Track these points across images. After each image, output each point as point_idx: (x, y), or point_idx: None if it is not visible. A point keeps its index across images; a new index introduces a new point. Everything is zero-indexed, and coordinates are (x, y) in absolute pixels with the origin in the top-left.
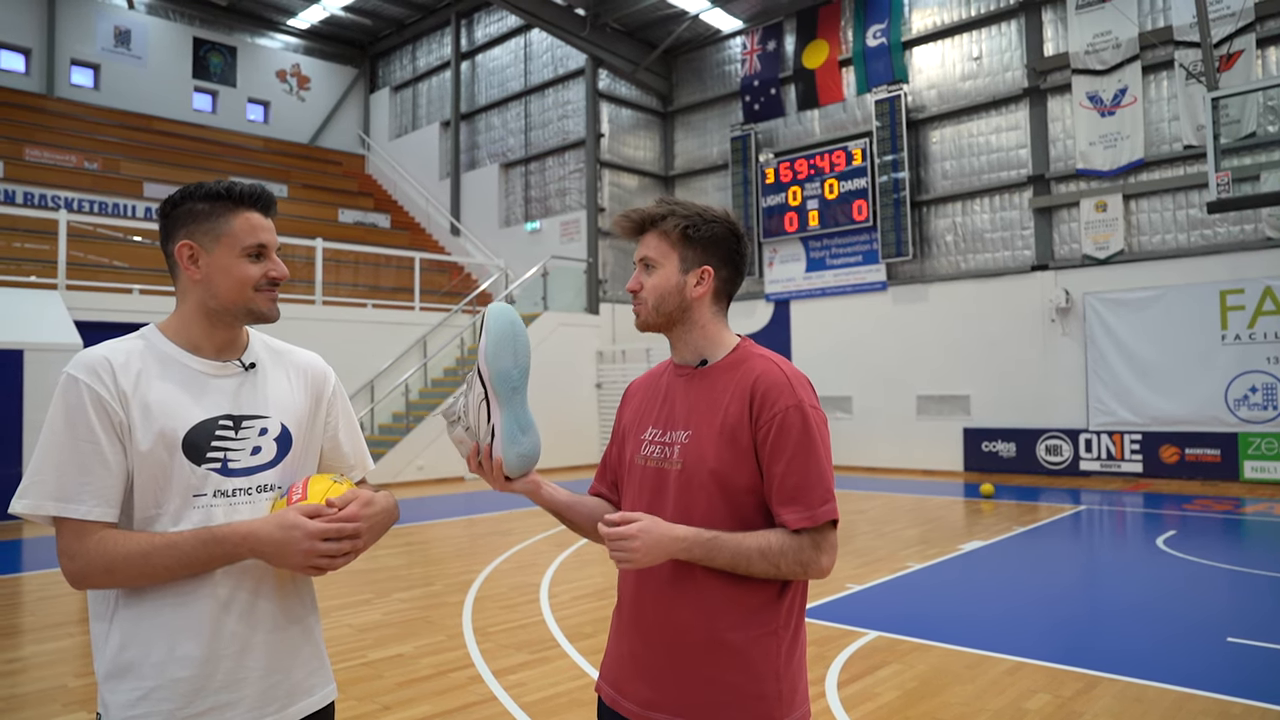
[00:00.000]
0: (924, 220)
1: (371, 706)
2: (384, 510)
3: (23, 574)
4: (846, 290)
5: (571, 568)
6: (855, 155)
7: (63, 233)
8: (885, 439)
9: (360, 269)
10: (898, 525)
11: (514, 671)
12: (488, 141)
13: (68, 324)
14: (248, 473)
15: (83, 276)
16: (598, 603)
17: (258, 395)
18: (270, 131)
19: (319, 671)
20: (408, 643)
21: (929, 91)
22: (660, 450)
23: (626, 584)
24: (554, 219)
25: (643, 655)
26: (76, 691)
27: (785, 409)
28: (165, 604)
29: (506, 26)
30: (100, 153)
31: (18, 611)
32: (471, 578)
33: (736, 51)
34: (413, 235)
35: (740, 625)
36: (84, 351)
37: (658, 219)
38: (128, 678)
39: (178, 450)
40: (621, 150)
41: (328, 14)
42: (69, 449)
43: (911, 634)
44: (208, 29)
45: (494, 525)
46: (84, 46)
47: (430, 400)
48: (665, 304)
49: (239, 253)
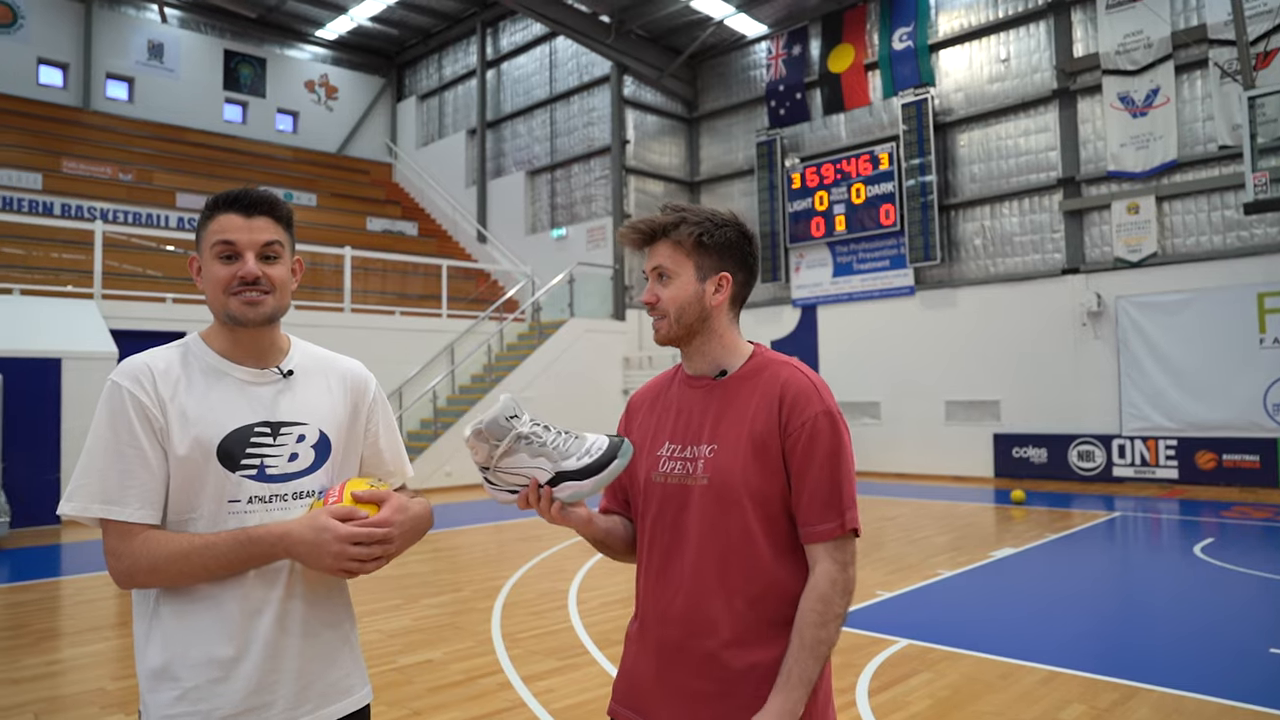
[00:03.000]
0: (952, 224)
1: (403, 711)
2: (417, 516)
3: (61, 578)
4: (874, 295)
5: (600, 574)
6: (882, 159)
7: (99, 243)
8: (914, 445)
9: (388, 277)
10: (927, 532)
11: (543, 678)
12: (514, 149)
13: (104, 333)
14: (284, 479)
15: (118, 286)
16: (627, 609)
17: (296, 402)
18: (299, 141)
19: (354, 674)
20: (437, 648)
21: (956, 94)
22: (681, 466)
23: (648, 599)
24: (580, 226)
25: (674, 677)
26: (114, 694)
27: (815, 416)
28: (201, 607)
29: (531, 35)
30: (134, 164)
31: (56, 615)
32: (500, 584)
33: (761, 56)
34: (440, 243)
35: (773, 643)
36: (128, 359)
37: (669, 227)
38: (166, 678)
39: (212, 456)
40: (647, 156)
41: (355, 25)
42: (113, 453)
43: (943, 642)
44: (238, 41)
45: (522, 531)
46: (119, 60)
47: (458, 407)
48: (686, 315)
49: (211, 255)
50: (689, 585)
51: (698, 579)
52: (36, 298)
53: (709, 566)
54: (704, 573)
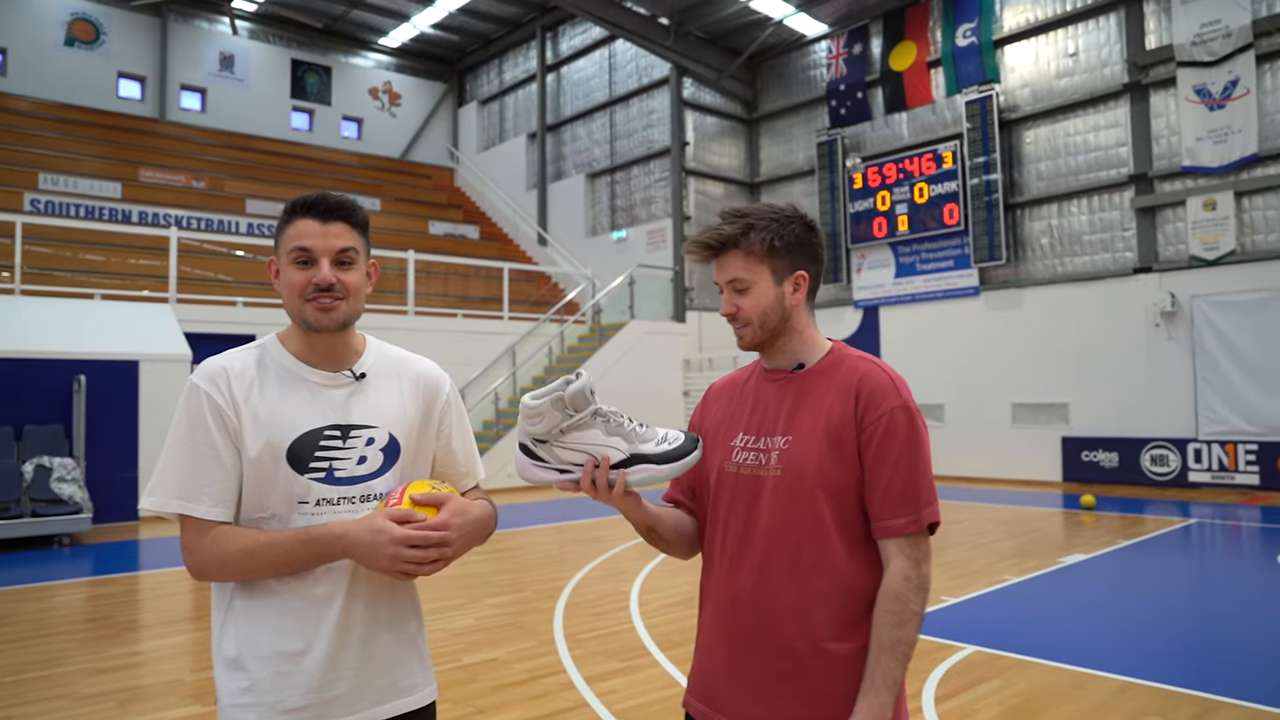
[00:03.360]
0: (1018, 223)
1: (467, 710)
2: (477, 520)
3: (140, 573)
4: (937, 296)
5: (661, 576)
6: (945, 158)
7: (173, 249)
8: (979, 448)
9: (450, 279)
10: (993, 537)
11: (605, 679)
12: (573, 152)
13: (178, 335)
14: (353, 481)
15: (191, 290)
16: (688, 611)
17: (367, 405)
18: (363, 147)
19: (419, 672)
20: (500, 647)
21: (1022, 90)
22: (755, 457)
23: (720, 590)
24: (640, 228)
25: (742, 669)
26: (192, 685)
27: (892, 410)
28: (270, 601)
29: (591, 38)
30: (206, 172)
31: (136, 608)
32: (561, 584)
33: (822, 56)
34: (501, 246)
35: (844, 636)
36: (207, 360)
37: (738, 237)
38: (237, 668)
39: (282, 459)
40: (706, 158)
41: (417, 32)
42: (190, 452)
43: (1011, 649)
44: (305, 51)
45: (583, 532)
46: (192, 72)
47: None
48: (769, 320)
49: (287, 260)
50: (761, 575)
51: (770, 569)
52: (115, 302)
53: (781, 557)
54: (776, 563)
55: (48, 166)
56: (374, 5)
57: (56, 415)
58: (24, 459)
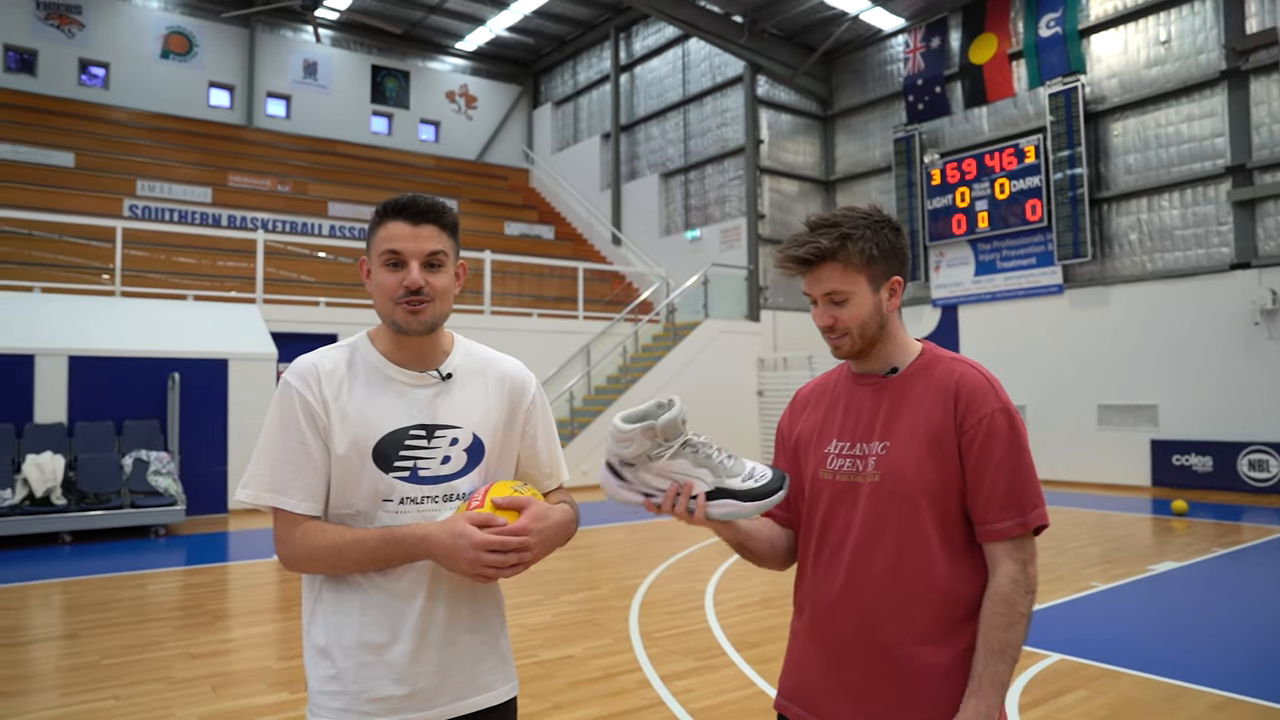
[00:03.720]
0: (1104, 219)
1: (544, 705)
2: (558, 524)
3: (229, 563)
4: (1019, 294)
5: (736, 576)
6: (1028, 152)
7: (260, 251)
8: (1063, 450)
9: (525, 279)
10: (1079, 542)
11: (681, 678)
12: (647, 152)
13: (265, 335)
14: (436, 481)
15: (276, 290)
16: (763, 612)
17: (452, 405)
18: (440, 150)
19: (500, 669)
20: (576, 644)
21: (1109, 81)
22: (851, 464)
23: (817, 597)
24: (714, 227)
25: (840, 676)
26: (279, 673)
27: (992, 413)
28: (355, 595)
29: (664, 38)
30: (291, 176)
31: (226, 597)
32: (636, 583)
33: (899, 50)
34: (575, 246)
35: (944, 642)
36: (300, 358)
37: (835, 250)
38: (324, 657)
39: (368, 457)
40: (781, 156)
41: (493, 35)
42: (281, 447)
43: (1098, 659)
44: (384, 56)
45: (657, 531)
46: (278, 80)
47: (594, 407)
48: (868, 329)
49: (379, 263)
50: (860, 582)
51: (869, 576)
52: (206, 303)
53: (880, 563)
54: (875, 570)
55: (145, 174)
56: (451, 10)
57: (153, 411)
58: (124, 453)
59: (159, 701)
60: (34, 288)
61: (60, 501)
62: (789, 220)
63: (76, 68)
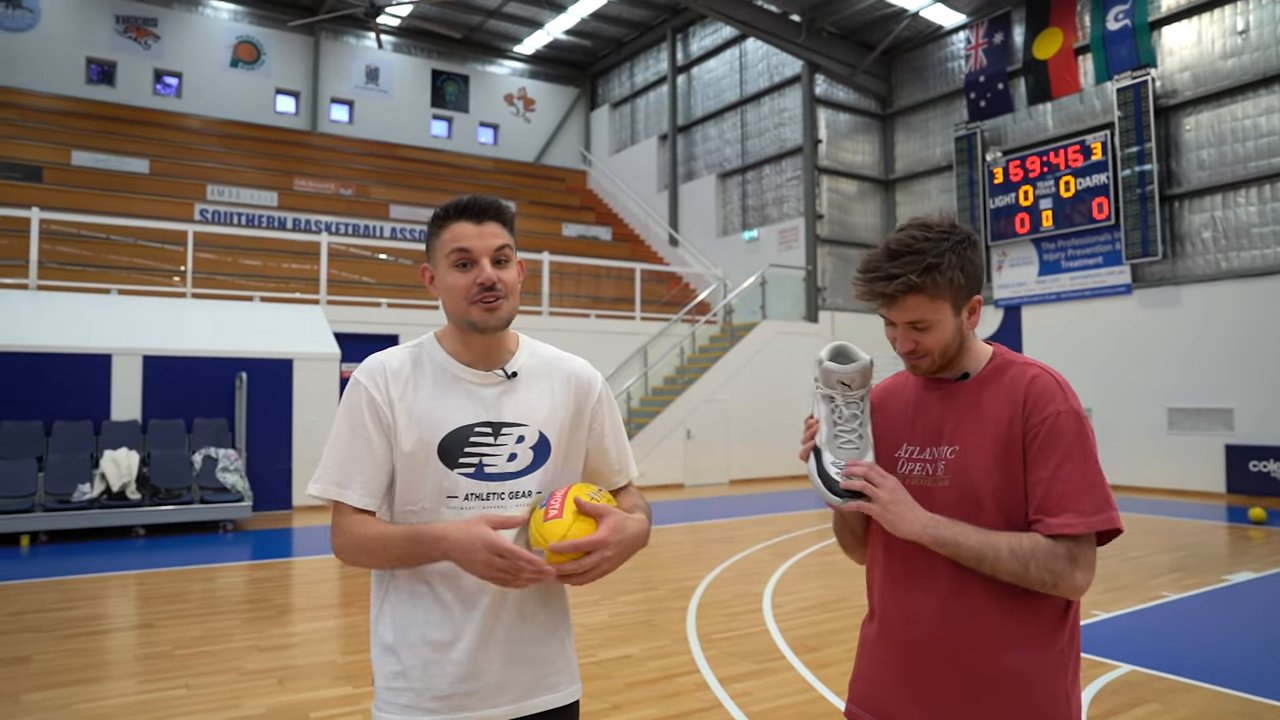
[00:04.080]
0: (1175, 216)
1: (602, 705)
2: (634, 536)
3: (294, 559)
4: (1085, 294)
5: (794, 579)
6: (1094, 149)
7: (324, 253)
8: (1131, 455)
9: (583, 280)
10: (1147, 550)
11: (739, 680)
12: (704, 152)
13: (328, 335)
14: (502, 478)
15: (339, 292)
16: (822, 615)
17: (518, 403)
18: (499, 152)
19: (564, 670)
20: (634, 645)
21: (1181, 74)
22: (921, 468)
23: (889, 599)
24: (771, 227)
25: (917, 683)
26: (343, 667)
27: (1057, 414)
28: (422, 592)
29: (721, 38)
30: (354, 180)
31: (290, 592)
32: (694, 584)
33: (960, 47)
34: (632, 247)
35: (1024, 646)
36: (370, 357)
37: (923, 284)
38: (391, 653)
39: (433, 454)
40: (840, 155)
41: (551, 38)
42: (347, 443)
43: (1171, 671)
44: (444, 61)
45: (715, 532)
46: (341, 85)
47: (651, 408)
48: (949, 351)
49: (447, 264)
50: (934, 586)
51: (942, 580)
52: (272, 304)
53: (953, 568)
54: (948, 574)
55: (214, 179)
56: (509, 14)
57: (221, 409)
58: (194, 450)
59: (228, 692)
60: (111, 290)
61: (134, 496)
62: (848, 220)
63: (152, 78)
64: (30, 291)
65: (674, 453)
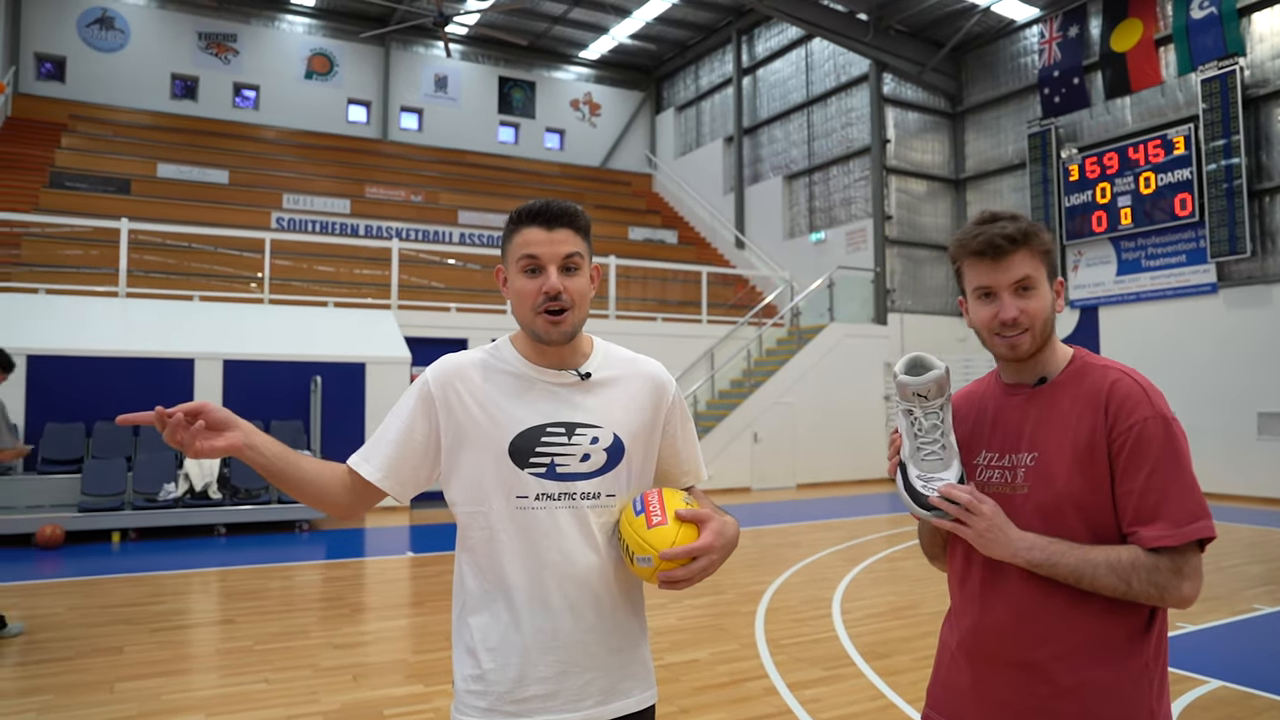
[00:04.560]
0: (1265, 212)
1: (670, 709)
2: (732, 540)
3: (366, 558)
4: (1166, 294)
5: (864, 585)
6: (1176, 143)
7: (395, 259)
8: (1217, 461)
9: (649, 284)
10: (1237, 560)
11: (809, 686)
12: (770, 154)
13: (399, 340)
14: (574, 478)
15: (409, 297)
16: (893, 622)
17: (592, 405)
18: (565, 157)
19: (641, 675)
20: (702, 649)
21: (1272, 62)
22: (1000, 475)
23: (966, 604)
24: (839, 229)
25: (991, 693)
26: (415, 666)
27: (1144, 419)
28: (499, 595)
29: (787, 39)
30: (423, 186)
31: (363, 591)
32: (761, 588)
33: (1033, 42)
34: (698, 250)
35: (1109, 659)
36: (444, 357)
37: (1031, 235)
38: (470, 656)
39: (504, 453)
40: (908, 155)
41: (616, 43)
42: (387, 425)
43: (1265, 688)
44: (510, 68)
45: (781, 537)
46: (410, 94)
47: (718, 411)
48: (1046, 327)
49: (517, 269)
50: (1012, 595)
51: (1021, 589)
52: (345, 309)
53: (1033, 579)
54: (1027, 583)
55: (290, 188)
56: (575, 20)
57: (297, 412)
58: None
59: (305, 688)
60: (193, 296)
61: (216, 496)
62: (917, 220)
63: (231, 91)
64: (119, 299)
65: (741, 456)
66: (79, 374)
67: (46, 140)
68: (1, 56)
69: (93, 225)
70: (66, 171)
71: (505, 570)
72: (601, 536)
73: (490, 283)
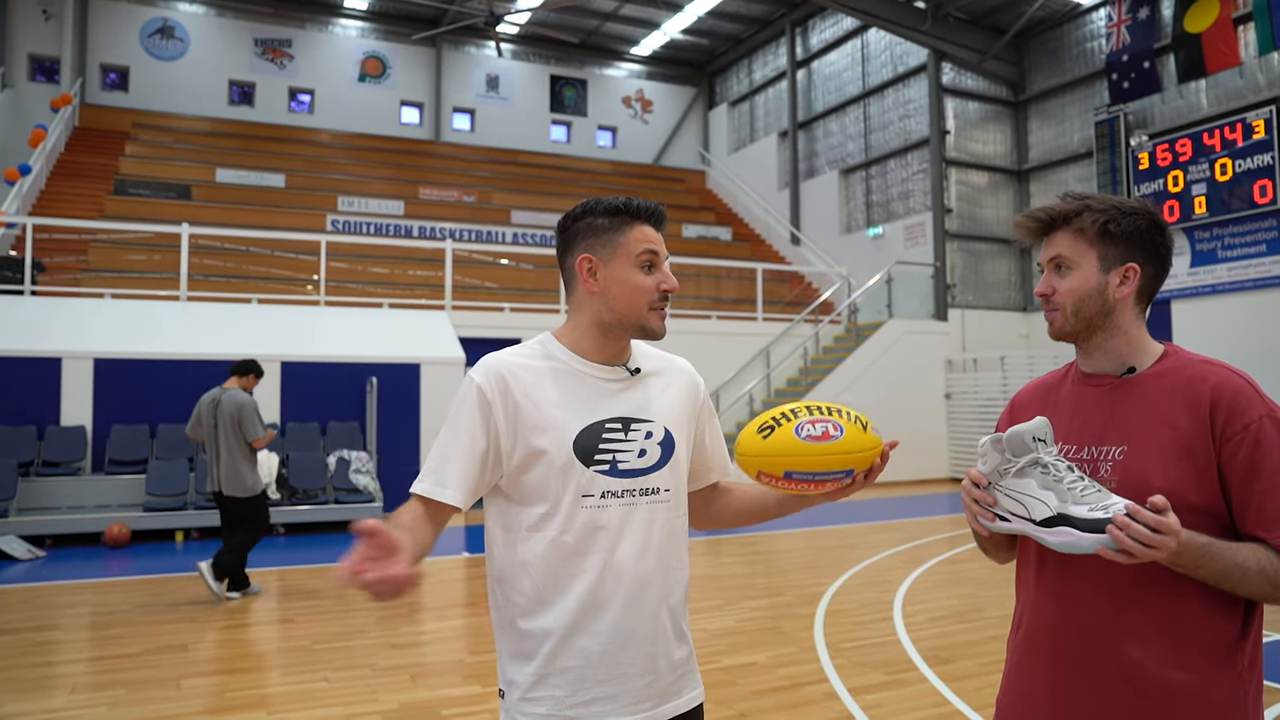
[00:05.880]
0: None
1: (728, 712)
2: None
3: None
4: (1245, 286)
5: (925, 587)
6: (1256, 127)
7: (449, 260)
8: None
9: (703, 281)
10: None
11: (870, 691)
12: (826, 148)
13: (453, 340)
14: (635, 474)
15: (463, 297)
16: (956, 625)
17: (644, 400)
18: (617, 155)
19: (690, 675)
20: (760, 651)
21: None
22: (1080, 468)
23: (1042, 604)
24: (897, 223)
25: (1070, 699)
26: (472, 666)
27: (1259, 419)
28: (560, 598)
29: (842, 30)
30: (476, 186)
31: (420, 591)
32: (820, 590)
33: (1100, 25)
34: (753, 246)
35: (1200, 665)
36: (489, 356)
37: (1070, 215)
38: (525, 662)
39: (569, 451)
40: (968, 146)
41: (667, 39)
42: (450, 442)
43: None
44: (562, 66)
45: (838, 538)
46: (462, 95)
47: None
48: (1085, 308)
49: (633, 263)
50: (1094, 591)
51: (1104, 589)
52: (399, 310)
53: (1118, 576)
54: (1112, 582)
55: (344, 190)
56: (626, 16)
57: (353, 413)
58: (328, 452)
59: (364, 687)
60: (251, 299)
61: (275, 496)
62: (978, 213)
63: (286, 96)
64: (180, 303)
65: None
66: (143, 376)
67: (111, 148)
68: (70, 68)
69: (155, 231)
70: (130, 179)
71: (569, 572)
72: (660, 532)
73: (544, 282)
